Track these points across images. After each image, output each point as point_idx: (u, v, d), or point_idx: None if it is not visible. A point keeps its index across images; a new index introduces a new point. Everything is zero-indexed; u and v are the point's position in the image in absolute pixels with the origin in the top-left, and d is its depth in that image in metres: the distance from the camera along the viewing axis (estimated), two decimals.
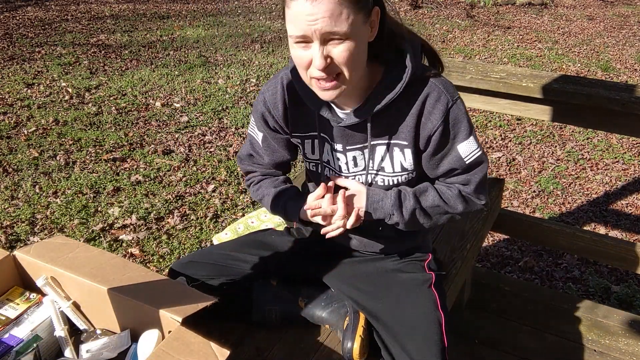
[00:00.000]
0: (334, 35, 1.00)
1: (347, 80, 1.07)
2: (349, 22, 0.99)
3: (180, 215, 2.98)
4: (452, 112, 1.13)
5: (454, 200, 1.22)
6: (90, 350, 1.12)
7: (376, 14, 1.06)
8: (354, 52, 1.03)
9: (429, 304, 1.25)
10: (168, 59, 5.61)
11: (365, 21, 1.03)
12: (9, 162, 3.46)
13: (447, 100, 1.13)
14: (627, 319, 2.04)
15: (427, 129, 1.15)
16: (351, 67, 1.05)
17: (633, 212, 3.21)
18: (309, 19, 0.98)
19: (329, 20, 0.98)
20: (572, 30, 7.36)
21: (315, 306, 1.34)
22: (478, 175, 1.21)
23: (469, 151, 1.18)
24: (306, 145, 1.29)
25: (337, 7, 0.98)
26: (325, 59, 1.03)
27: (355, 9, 0.99)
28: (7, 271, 1.27)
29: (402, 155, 1.20)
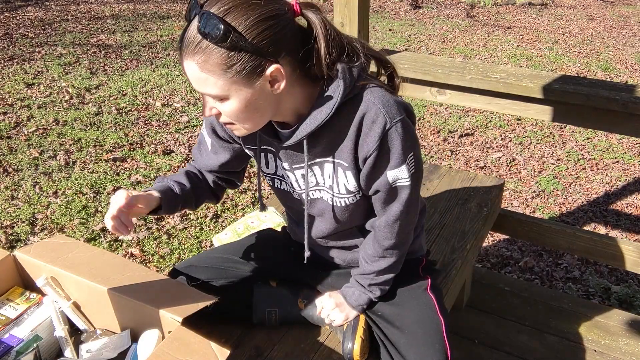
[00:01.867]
0: (209, 96, 0.99)
1: (244, 130, 1.05)
2: (219, 87, 0.95)
3: (180, 215, 2.98)
4: (389, 136, 1.05)
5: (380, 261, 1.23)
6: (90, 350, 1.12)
7: (277, 70, 0.96)
8: (239, 111, 0.99)
9: (427, 310, 1.25)
10: (168, 59, 5.61)
11: (250, 82, 0.96)
12: (9, 162, 3.46)
13: (385, 122, 1.04)
14: (627, 319, 2.04)
15: (363, 151, 1.08)
16: (242, 121, 1.02)
17: (633, 212, 3.21)
18: (187, 76, 0.98)
19: (197, 83, 0.97)
20: (572, 31, 7.36)
21: (315, 307, 1.34)
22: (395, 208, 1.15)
23: (396, 178, 1.10)
24: (261, 157, 1.25)
25: (201, 73, 0.94)
26: (210, 110, 1.02)
27: (225, 75, 0.94)
28: (7, 271, 1.27)
29: (345, 177, 1.14)
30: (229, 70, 0.93)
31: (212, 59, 0.93)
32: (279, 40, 0.96)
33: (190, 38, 0.93)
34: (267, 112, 1.04)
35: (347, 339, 1.23)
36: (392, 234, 1.18)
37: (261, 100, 1.00)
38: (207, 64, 0.93)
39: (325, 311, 1.29)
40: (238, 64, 0.93)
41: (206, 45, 0.92)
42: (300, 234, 1.33)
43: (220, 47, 0.91)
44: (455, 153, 3.88)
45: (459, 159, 3.80)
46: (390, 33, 6.87)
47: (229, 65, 0.93)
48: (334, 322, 1.28)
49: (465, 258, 1.69)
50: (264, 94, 1.00)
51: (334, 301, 1.29)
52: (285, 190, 1.27)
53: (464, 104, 2.04)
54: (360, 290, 1.27)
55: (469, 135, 4.16)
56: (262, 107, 1.02)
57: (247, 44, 0.92)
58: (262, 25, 0.93)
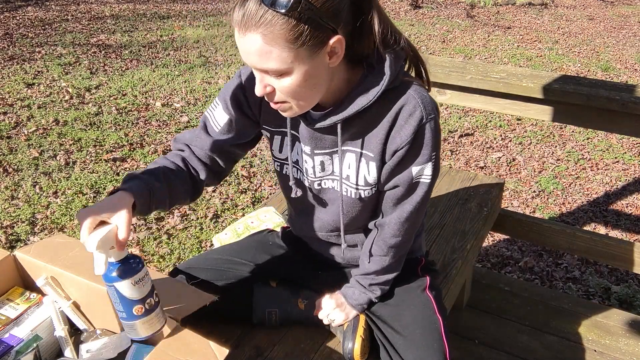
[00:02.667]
0: (269, 71, 0.95)
1: (297, 108, 1.02)
2: (282, 60, 0.92)
3: (181, 215, 2.98)
4: (424, 131, 1.06)
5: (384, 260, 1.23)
6: (90, 350, 1.12)
7: (338, 42, 0.95)
8: (297, 86, 0.96)
9: (425, 310, 1.24)
10: (168, 59, 5.61)
11: (313, 54, 0.93)
12: (9, 162, 3.46)
13: (422, 116, 1.04)
14: (627, 319, 2.04)
15: (395, 143, 1.08)
16: (297, 98, 0.99)
17: (633, 212, 3.21)
18: (242, 52, 0.94)
19: (258, 58, 0.92)
20: (572, 31, 7.36)
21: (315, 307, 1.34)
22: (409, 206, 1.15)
23: (419, 174, 1.11)
24: (275, 140, 1.22)
25: (265, 46, 0.90)
26: (264, 88, 0.98)
27: (291, 46, 0.90)
28: (7, 271, 1.27)
29: (367, 168, 1.14)
30: (295, 41, 0.90)
31: (279, 31, 0.89)
32: (340, 10, 0.94)
33: (253, 10, 0.88)
34: (322, 88, 1.02)
35: (347, 338, 1.23)
36: (400, 232, 1.18)
37: (320, 74, 0.98)
38: (273, 35, 0.89)
39: (325, 311, 1.29)
40: (305, 34, 0.90)
41: (273, 15, 0.88)
42: (301, 225, 1.33)
43: (289, 16, 0.88)
44: (456, 153, 3.88)
45: (459, 159, 3.80)
46: None
47: (296, 36, 0.90)
48: (334, 321, 1.28)
49: (465, 258, 1.69)
50: (323, 68, 0.98)
51: (334, 302, 1.29)
52: (294, 177, 1.24)
53: (464, 104, 2.04)
54: (361, 290, 1.27)
55: (469, 135, 4.16)
56: (319, 82, 1.00)
57: (315, 12, 0.89)
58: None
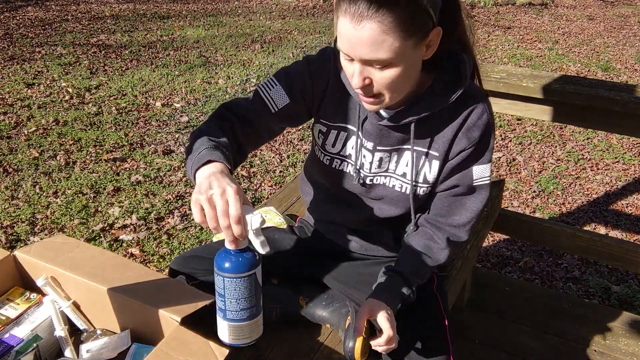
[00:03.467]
0: (376, 62, 0.94)
1: (388, 100, 1.02)
2: (393, 50, 0.92)
3: (181, 215, 2.98)
4: (489, 134, 1.10)
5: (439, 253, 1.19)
6: (91, 350, 1.12)
7: (436, 34, 0.97)
8: (398, 77, 0.96)
9: (431, 307, 1.25)
10: (168, 59, 5.61)
11: (417, 45, 0.95)
12: (9, 162, 3.46)
13: (489, 119, 1.09)
14: (627, 319, 2.04)
15: (461, 143, 1.10)
16: (393, 91, 0.99)
17: (633, 212, 3.20)
18: (351, 42, 0.93)
19: (369, 48, 0.92)
20: (573, 31, 7.36)
21: (316, 305, 1.33)
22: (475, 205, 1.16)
23: (480, 175, 1.13)
24: (330, 135, 1.20)
25: (380, 35, 0.90)
26: (363, 80, 0.97)
27: (403, 36, 0.91)
28: (7, 271, 1.27)
29: (429, 166, 1.15)
30: (409, 30, 0.91)
31: (396, 20, 0.89)
32: (438, 4, 0.96)
33: (371, 0, 0.88)
34: (413, 82, 1.04)
35: (348, 337, 1.22)
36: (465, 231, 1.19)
37: (417, 66, 1.00)
38: (391, 24, 0.89)
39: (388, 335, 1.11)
40: (417, 24, 0.91)
41: (391, 5, 0.88)
42: (332, 214, 1.33)
43: (406, 7, 0.89)
44: None
45: None
46: None
47: (411, 24, 0.90)
48: None
49: (465, 258, 1.69)
50: (419, 60, 0.99)
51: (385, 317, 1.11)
52: (344, 171, 1.23)
53: None
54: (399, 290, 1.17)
55: None
56: (413, 75, 1.01)
57: (426, 4, 0.91)
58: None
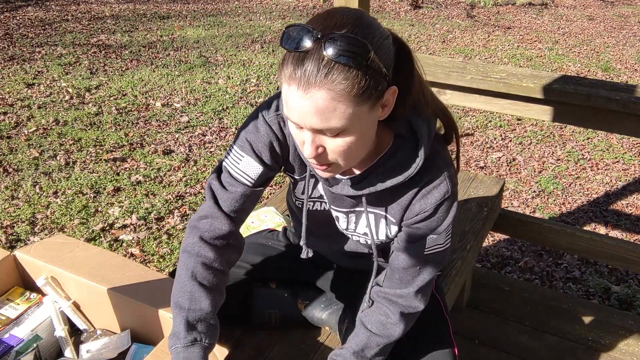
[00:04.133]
0: (328, 131, 0.86)
1: (343, 167, 0.94)
2: (346, 117, 0.84)
3: (181, 215, 2.98)
4: (445, 205, 1.02)
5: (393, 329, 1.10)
6: (91, 350, 1.12)
7: (392, 93, 0.90)
8: (353, 144, 0.89)
9: (434, 311, 1.25)
10: (168, 59, 5.61)
11: (372, 108, 0.87)
12: (10, 162, 3.46)
13: (447, 190, 1.01)
14: (627, 319, 2.04)
15: (414, 209, 1.04)
16: (348, 158, 0.92)
17: (633, 212, 3.21)
18: (300, 111, 0.84)
19: (320, 117, 0.84)
20: (573, 31, 7.36)
21: (314, 308, 1.34)
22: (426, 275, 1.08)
23: (433, 244, 1.06)
24: (299, 185, 1.15)
25: (331, 103, 0.82)
26: (316, 149, 0.89)
27: (357, 101, 0.83)
28: (7, 271, 1.27)
29: (389, 229, 1.11)
30: (362, 95, 0.83)
31: (348, 86, 0.82)
32: (391, 62, 0.90)
33: (316, 65, 0.81)
34: (369, 146, 0.96)
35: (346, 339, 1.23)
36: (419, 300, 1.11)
37: (371, 130, 0.93)
38: (340, 91, 0.82)
39: None
40: (371, 87, 0.84)
41: (340, 70, 0.81)
42: (319, 246, 1.30)
43: (358, 70, 0.81)
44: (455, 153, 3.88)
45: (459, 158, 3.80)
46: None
47: (363, 90, 0.83)
48: None
49: (465, 258, 1.69)
50: (374, 122, 0.92)
51: None
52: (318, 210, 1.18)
53: (464, 104, 2.04)
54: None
55: (469, 135, 4.16)
56: (369, 139, 0.94)
57: (379, 64, 0.84)
58: (385, 45, 0.86)
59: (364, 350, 1.09)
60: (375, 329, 1.10)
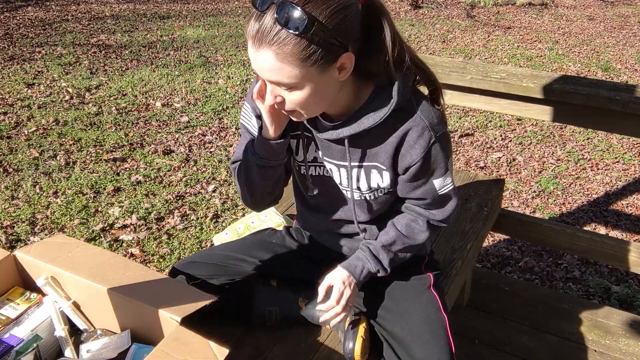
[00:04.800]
0: (281, 84, 0.98)
1: (305, 115, 1.06)
2: (293, 76, 0.95)
3: (181, 215, 2.98)
4: (434, 150, 1.11)
5: (419, 234, 1.26)
6: (91, 350, 1.12)
7: (348, 58, 0.98)
8: (307, 99, 1.00)
9: (431, 308, 1.25)
10: (168, 59, 5.61)
11: (324, 70, 0.97)
12: (10, 162, 3.46)
13: (430, 137, 1.10)
14: (627, 319, 2.04)
15: (405, 160, 1.13)
16: (306, 109, 1.04)
17: (633, 212, 3.20)
18: (254, 65, 0.97)
19: (269, 73, 0.96)
20: (573, 31, 7.36)
21: (315, 306, 1.34)
22: (448, 208, 1.24)
23: (442, 185, 1.19)
24: (293, 144, 1.26)
25: (277, 62, 0.93)
26: (274, 98, 1.02)
27: (302, 65, 0.94)
28: (7, 271, 1.27)
29: (380, 176, 1.19)
30: (307, 59, 0.93)
31: (291, 49, 0.92)
32: (351, 29, 0.97)
33: (267, 28, 0.91)
34: (329, 100, 1.07)
35: (347, 338, 1.23)
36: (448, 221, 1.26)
37: (328, 88, 1.02)
38: (285, 54, 0.92)
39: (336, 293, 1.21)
40: (316, 53, 0.93)
41: (286, 35, 0.91)
42: (315, 220, 1.37)
43: (302, 37, 0.91)
44: (456, 153, 3.88)
45: (459, 159, 3.80)
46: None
47: (308, 55, 0.93)
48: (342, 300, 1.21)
49: (465, 258, 1.69)
50: (331, 82, 1.02)
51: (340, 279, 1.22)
52: (319, 176, 1.27)
53: (464, 104, 2.04)
54: (370, 263, 1.25)
55: (469, 135, 4.16)
56: (327, 95, 1.04)
57: (326, 33, 0.92)
58: (340, 14, 0.93)
59: (391, 245, 1.25)
60: (404, 230, 1.25)
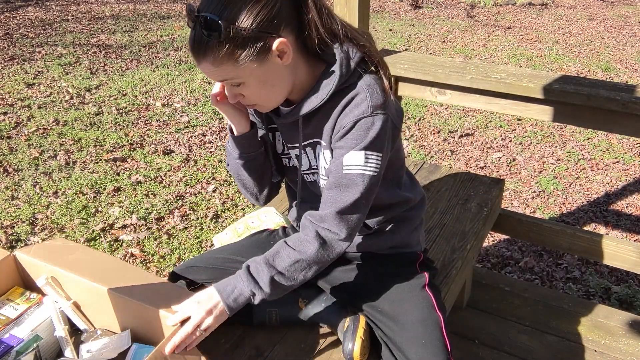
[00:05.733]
0: (232, 84, 1.06)
1: (266, 106, 1.13)
2: (234, 74, 1.02)
3: (181, 215, 2.98)
4: (365, 122, 1.06)
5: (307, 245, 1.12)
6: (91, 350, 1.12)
7: (284, 44, 1.01)
8: (259, 90, 1.07)
9: (425, 307, 1.25)
10: (168, 59, 5.61)
11: (261, 61, 1.02)
12: (10, 162, 3.46)
13: (366, 108, 1.06)
14: (627, 320, 2.04)
15: (337, 127, 1.11)
16: (264, 100, 1.10)
17: (633, 212, 3.20)
18: (205, 73, 1.05)
19: (215, 76, 1.04)
20: (573, 31, 7.36)
21: (315, 307, 1.34)
22: (346, 198, 1.09)
23: (351, 163, 1.08)
24: (270, 137, 1.31)
25: (215, 66, 1.01)
26: (234, 97, 1.10)
27: (235, 63, 1.00)
28: (7, 271, 1.27)
29: (324, 155, 1.18)
30: (239, 58, 1.00)
31: (222, 54, 0.99)
32: (276, 15, 1.00)
33: (197, 42, 0.99)
34: (284, 86, 1.10)
35: (347, 339, 1.23)
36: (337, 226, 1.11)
37: (275, 75, 1.06)
38: (218, 59, 0.99)
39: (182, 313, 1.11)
40: (246, 50, 0.99)
41: (212, 44, 0.98)
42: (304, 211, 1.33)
43: (225, 42, 0.97)
44: (456, 153, 3.88)
45: (459, 159, 3.80)
46: (390, 33, 6.87)
47: (238, 54, 0.99)
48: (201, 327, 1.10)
49: (465, 258, 1.69)
50: (276, 68, 1.05)
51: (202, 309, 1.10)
52: (290, 166, 1.30)
53: (464, 104, 2.04)
54: (242, 281, 1.12)
55: (469, 135, 4.16)
56: (278, 81, 1.08)
57: (248, 31, 0.98)
58: (258, 7, 0.98)
59: (274, 258, 1.13)
60: (291, 242, 1.14)
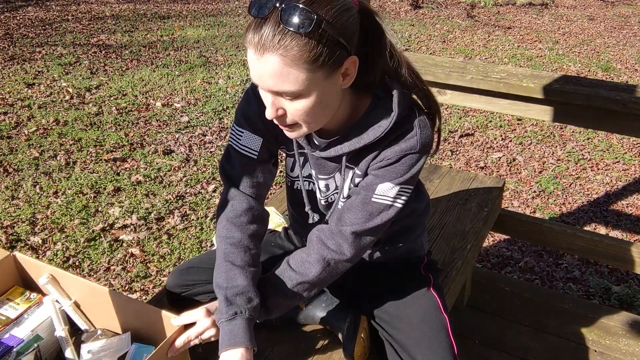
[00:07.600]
0: (284, 94, 0.93)
1: (306, 129, 1.01)
2: (300, 82, 0.90)
3: (181, 215, 2.98)
4: (410, 159, 1.05)
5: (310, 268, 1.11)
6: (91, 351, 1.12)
7: (352, 63, 0.95)
8: (311, 108, 0.95)
9: (431, 310, 1.25)
10: (168, 59, 5.61)
11: (329, 75, 0.93)
12: (10, 162, 3.46)
13: (415, 144, 1.03)
14: (627, 320, 2.04)
15: (379, 158, 1.07)
16: (309, 121, 0.98)
17: (633, 212, 3.20)
18: (257, 74, 0.92)
19: (274, 80, 0.91)
20: (573, 31, 7.35)
21: (315, 307, 1.34)
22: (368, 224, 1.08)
23: (383, 193, 1.07)
24: (288, 160, 1.22)
25: (284, 67, 0.89)
26: (276, 111, 0.96)
27: (309, 68, 0.89)
28: (7, 271, 1.27)
29: (352, 182, 1.14)
30: (314, 62, 0.89)
31: (299, 52, 0.88)
32: (353, 33, 0.95)
33: (272, 32, 0.87)
34: (332, 111, 1.02)
35: (347, 339, 1.23)
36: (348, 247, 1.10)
37: (333, 95, 0.98)
38: (292, 57, 0.88)
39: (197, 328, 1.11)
40: (324, 55, 0.90)
41: (292, 37, 0.87)
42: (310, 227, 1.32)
43: (309, 37, 0.87)
44: (456, 153, 3.88)
45: (459, 159, 3.80)
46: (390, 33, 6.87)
47: (315, 56, 0.89)
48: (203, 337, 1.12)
49: (465, 258, 1.69)
50: (335, 90, 0.98)
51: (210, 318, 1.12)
52: (305, 190, 1.24)
53: (464, 104, 2.04)
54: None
55: (469, 135, 4.15)
56: (330, 104, 1.00)
57: (334, 34, 0.89)
58: (343, 16, 0.91)
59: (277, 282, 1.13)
60: (294, 264, 1.13)
